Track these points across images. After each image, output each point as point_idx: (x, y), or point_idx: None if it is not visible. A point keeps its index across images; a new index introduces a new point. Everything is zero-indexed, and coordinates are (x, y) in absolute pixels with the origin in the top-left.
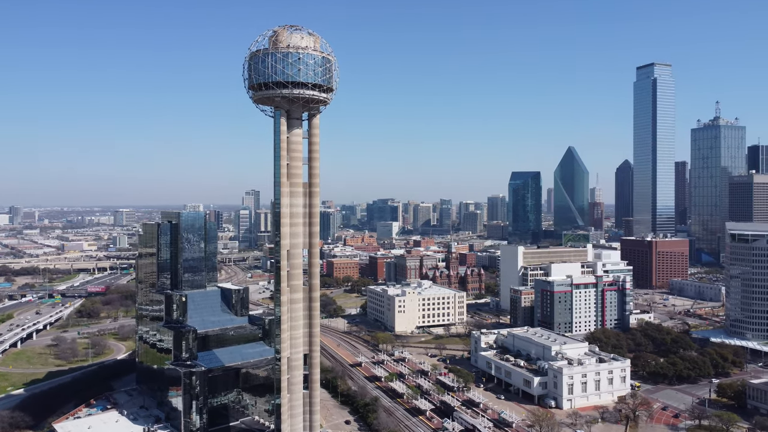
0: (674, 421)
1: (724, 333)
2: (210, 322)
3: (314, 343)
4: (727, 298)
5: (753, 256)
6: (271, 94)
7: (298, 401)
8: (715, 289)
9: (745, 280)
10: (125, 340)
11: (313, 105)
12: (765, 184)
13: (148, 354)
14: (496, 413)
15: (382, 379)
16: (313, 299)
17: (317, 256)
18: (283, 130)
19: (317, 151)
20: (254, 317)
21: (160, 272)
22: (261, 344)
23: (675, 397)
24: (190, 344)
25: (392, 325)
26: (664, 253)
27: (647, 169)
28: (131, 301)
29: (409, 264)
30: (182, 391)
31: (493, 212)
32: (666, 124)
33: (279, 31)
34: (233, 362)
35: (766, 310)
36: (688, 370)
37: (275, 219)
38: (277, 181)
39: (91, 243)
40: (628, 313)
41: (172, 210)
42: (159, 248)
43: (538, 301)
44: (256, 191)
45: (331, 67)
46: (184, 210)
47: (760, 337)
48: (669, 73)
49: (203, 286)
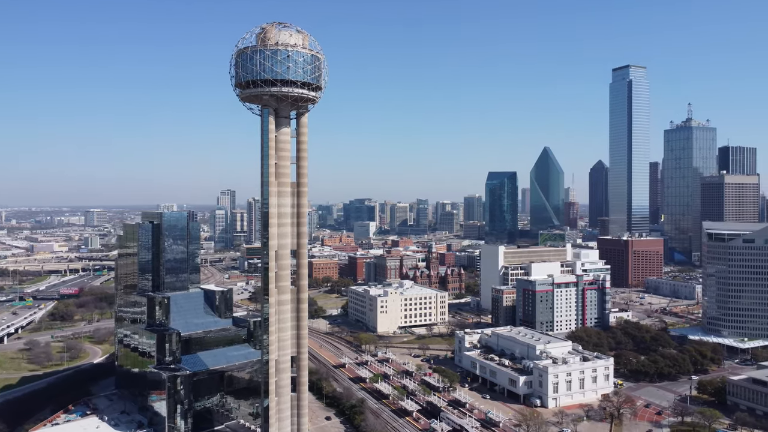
0: (657, 418)
1: (701, 330)
2: (193, 325)
3: (302, 344)
4: (704, 296)
5: (729, 255)
6: (259, 92)
7: (285, 404)
8: (689, 287)
9: (721, 278)
10: (101, 343)
11: (302, 104)
12: (735, 185)
13: (129, 357)
14: (482, 413)
15: (367, 380)
16: (301, 300)
17: (305, 256)
18: (272, 128)
19: (305, 150)
20: (238, 319)
21: (141, 273)
22: (246, 347)
23: (657, 394)
24: (173, 347)
25: (374, 325)
26: (640, 252)
27: (623, 170)
28: (107, 304)
29: (389, 264)
30: (166, 396)
31: (470, 212)
32: (641, 125)
33: (267, 28)
34: (218, 365)
35: (741, 307)
36: (668, 367)
37: (263, 219)
38: (265, 180)
39: (62, 244)
40: (607, 311)
41: (145, 210)
42: (140, 249)
43: (520, 301)
44: (232, 191)
45: (320, 65)
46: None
47: (736, 335)
48: (644, 75)
49: (186, 288)
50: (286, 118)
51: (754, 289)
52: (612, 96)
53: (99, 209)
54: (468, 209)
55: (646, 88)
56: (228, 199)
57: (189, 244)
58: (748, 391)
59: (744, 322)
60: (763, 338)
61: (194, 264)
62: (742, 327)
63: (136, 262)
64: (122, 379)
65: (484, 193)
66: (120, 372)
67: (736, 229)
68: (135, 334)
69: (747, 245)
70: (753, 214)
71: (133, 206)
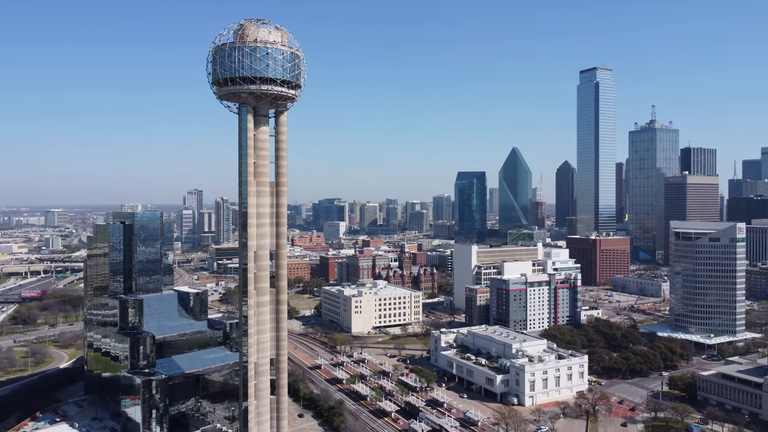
0: (631, 414)
1: (669, 327)
2: (167, 328)
3: (282, 347)
4: (671, 294)
5: (696, 253)
6: (237, 90)
7: (265, 407)
8: (655, 285)
9: (688, 276)
10: (67, 347)
11: (281, 102)
12: (697, 185)
13: (99, 362)
14: (461, 412)
15: (344, 381)
16: (280, 302)
17: (285, 257)
18: (250, 127)
19: (285, 149)
20: (214, 321)
21: (112, 275)
22: (222, 349)
23: (629, 390)
24: (148, 351)
25: (348, 326)
26: (608, 251)
27: (590, 170)
28: (71, 306)
29: (361, 264)
30: (141, 401)
31: (439, 212)
32: (608, 126)
33: (245, 24)
34: (194, 369)
35: (708, 304)
36: (640, 364)
37: (242, 219)
38: (244, 180)
39: (21, 245)
40: (579, 310)
41: (108, 210)
42: (111, 250)
43: (494, 300)
44: (199, 191)
45: (300, 63)
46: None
47: (703, 331)
48: (611, 77)
49: (159, 290)
50: (265, 117)
51: (719, 286)
52: (579, 98)
53: (60, 209)
54: (437, 209)
55: (613, 90)
56: (195, 199)
57: (162, 245)
58: (717, 386)
59: (710, 319)
60: (728, 334)
61: (167, 265)
62: (708, 323)
63: (107, 263)
64: (92, 385)
65: (453, 193)
66: (90, 377)
67: (702, 228)
68: (106, 338)
69: (713, 243)
70: (714, 213)
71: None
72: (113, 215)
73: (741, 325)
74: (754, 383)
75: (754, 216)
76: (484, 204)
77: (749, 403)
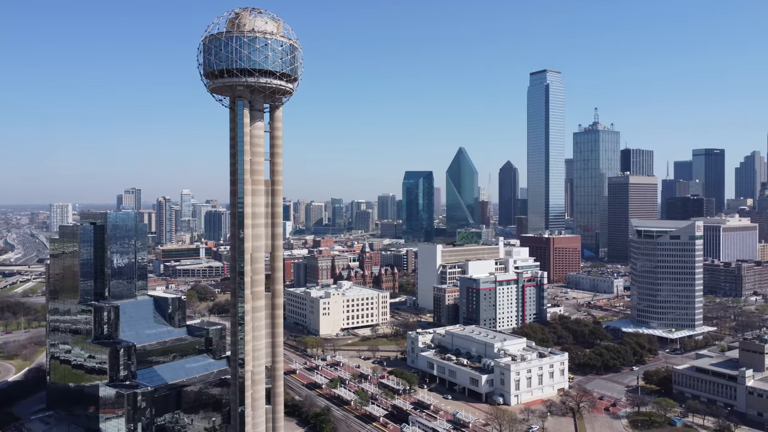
0: (613, 410)
1: (632, 323)
2: (145, 336)
3: (278, 353)
4: (633, 290)
5: (657, 250)
6: (233, 83)
7: (260, 417)
8: (608, 282)
9: (649, 272)
10: (12, 358)
11: (278, 96)
12: (639, 185)
13: (67, 374)
14: (449, 414)
15: (323, 386)
16: (276, 306)
17: (281, 259)
18: (247, 122)
19: (280, 146)
20: (194, 327)
21: (83, 279)
22: (204, 357)
23: (605, 386)
24: (129, 361)
25: (316, 328)
26: (561, 249)
27: (540, 170)
28: (11, 313)
29: (320, 264)
30: (125, 416)
31: (384, 211)
32: (557, 127)
33: (241, 13)
34: (176, 379)
35: (668, 300)
36: (613, 359)
37: (236, 220)
38: (240, 178)
39: None
40: (545, 307)
41: (34, 210)
42: (80, 253)
43: (464, 299)
44: (137, 189)
45: (297, 56)
46: (49, 210)
47: (664, 326)
48: (560, 79)
49: (133, 296)
50: (260, 111)
51: (679, 282)
52: (530, 99)
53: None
54: (382, 208)
55: (562, 92)
56: (133, 198)
57: (137, 248)
58: (692, 380)
59: (671, 314)
60: (689, 328)
61: (141, 269)
62: (670, 318)
63: (75, 267)
64: (57, 399)
65: (398, 193)
66: (55, 390)
67: (663, 227)
68: (76, 348)
69: (674, 241)
70: (653, 212)
71: (19, 206)
72: (80, 215)
73: (699, 320)
74: (728, 376)
75: (691, 214)
76: (432, 203)
77: (724, 395)
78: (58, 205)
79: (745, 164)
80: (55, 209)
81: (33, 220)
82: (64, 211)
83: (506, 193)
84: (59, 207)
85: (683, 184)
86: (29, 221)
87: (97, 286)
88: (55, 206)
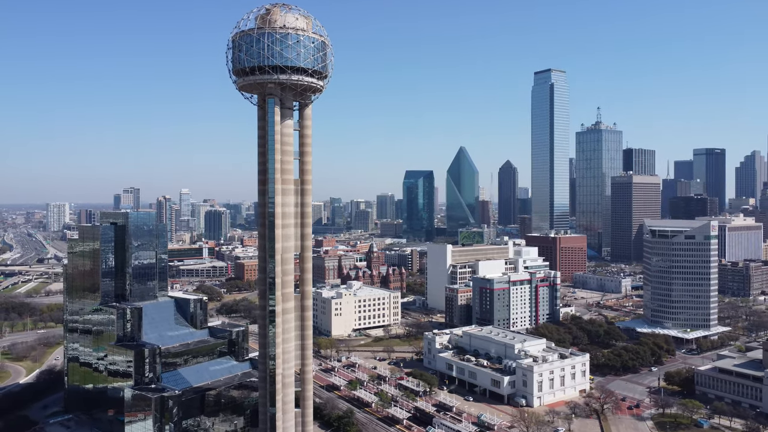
0: (637, 411)
1: (646, 323)
2: (168, 337)
3: (307, 356)
4: (647, 290)
5: (672, 250)
6: (264, 80)
7: (290, 422)
8: (615, 281)
9: (663, 272)
10: (21, 360)
11: (308, 93)
12: (642, 184)
13: (86, 376)
14: (473, 416)
15: (341, 387)
16: (305, 308)
17: (310, 260)
18: (278, 120)
19: (310, 144)
20: (216, 329)
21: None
22: (228, 359)
23: (626, 387)
24: (154, 364)
25: (328, 328)
26: (567, 248)
27: (545, 169)
28: (17, 314)
29: (327, 264)
30: (152, 420)
31: (383, 210)
32: (562, 126)
33: (272, 9)
34: (201, 381)
35: (682, 300)
36: (632, 360)
37: (265, 220)
38: (271, 177)
39: None
40: (558, 307)
41: (30, 209)
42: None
43: (477, 299)
44: (136, 189)
45: (328, 53)
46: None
47: (679, 326)
48: (564, 78)
49: (155, 297)
50: (289, 110)
51: (694, 282)
52: (534, 98)
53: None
54: (381, 208)
55: (567, 92)
56: (132, 197)
57: (158, 248)
58: (715, 381)
59: (685, 314)
60: (704, 329)
61: (162, 270)
62: (684, 318)
63: (93, 267)
64: (75, 402)
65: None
66: (73, 392)
67: (678, 226)
68: (98, 349)
69: (689, 241)
70: (656, 212)
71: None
72: (101, 215)
73: (714, 320)
74: (753, 377)
75: (695, 214)
76: (432, 203)
77: (749, 396)
78: (55, 205)
79: (745, 164)
80: (52, 208)
81: (29, 219)
82: (61, 211)
83: (505, 193)
84: (56, 206)
85: (684, 183)
86: (25, 221)
87: (117, 287)
88: (52, 206)
